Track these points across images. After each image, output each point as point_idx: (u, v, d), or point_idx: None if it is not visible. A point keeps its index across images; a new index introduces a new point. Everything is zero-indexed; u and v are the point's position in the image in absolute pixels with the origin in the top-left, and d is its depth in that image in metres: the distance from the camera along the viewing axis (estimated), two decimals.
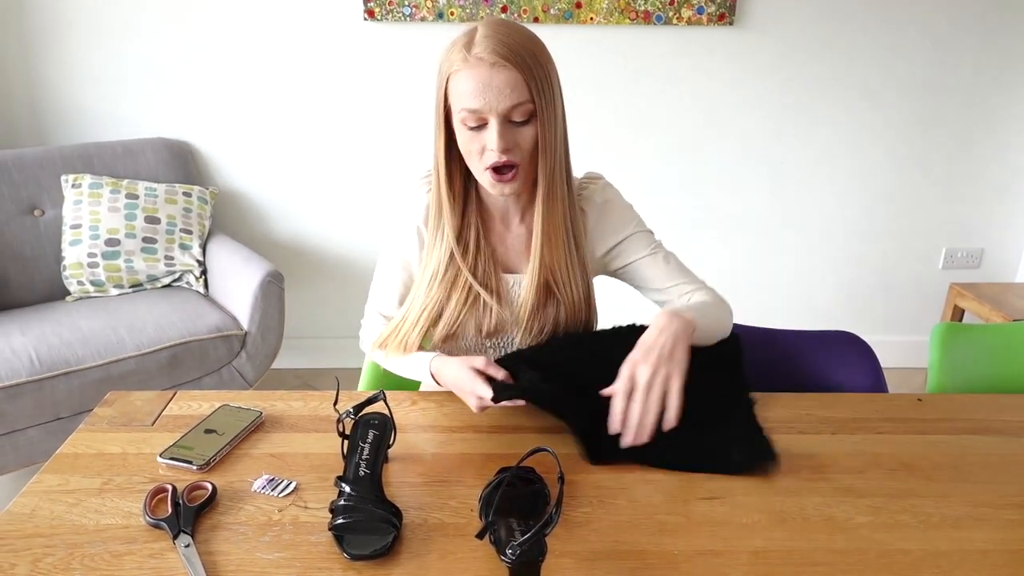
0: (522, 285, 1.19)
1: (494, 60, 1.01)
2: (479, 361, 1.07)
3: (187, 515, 0.90)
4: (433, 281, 1.17)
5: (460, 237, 1.17)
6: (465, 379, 1.07)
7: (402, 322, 1.20)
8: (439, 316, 1.18)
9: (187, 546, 0.86)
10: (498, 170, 1.07)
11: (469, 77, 1.02)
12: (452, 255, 1.16)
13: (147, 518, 0.91)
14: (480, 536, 0.82)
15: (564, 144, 1.13)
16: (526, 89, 1.03)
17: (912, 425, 1.16)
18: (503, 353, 1.23)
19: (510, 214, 1.21)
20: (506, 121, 1.04)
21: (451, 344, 1.23)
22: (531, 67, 1.03)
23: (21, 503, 0.93)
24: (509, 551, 0.77)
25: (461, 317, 1.18)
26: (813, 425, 1.16)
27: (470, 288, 1.17)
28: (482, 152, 1.06)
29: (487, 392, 1.03)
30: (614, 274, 1.29)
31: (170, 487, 0.95)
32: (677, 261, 1.26)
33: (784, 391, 1.28)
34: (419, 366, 1.18)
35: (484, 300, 1.18)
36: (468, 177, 1.16)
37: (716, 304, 1.19)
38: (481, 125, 1.05)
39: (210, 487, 0.96)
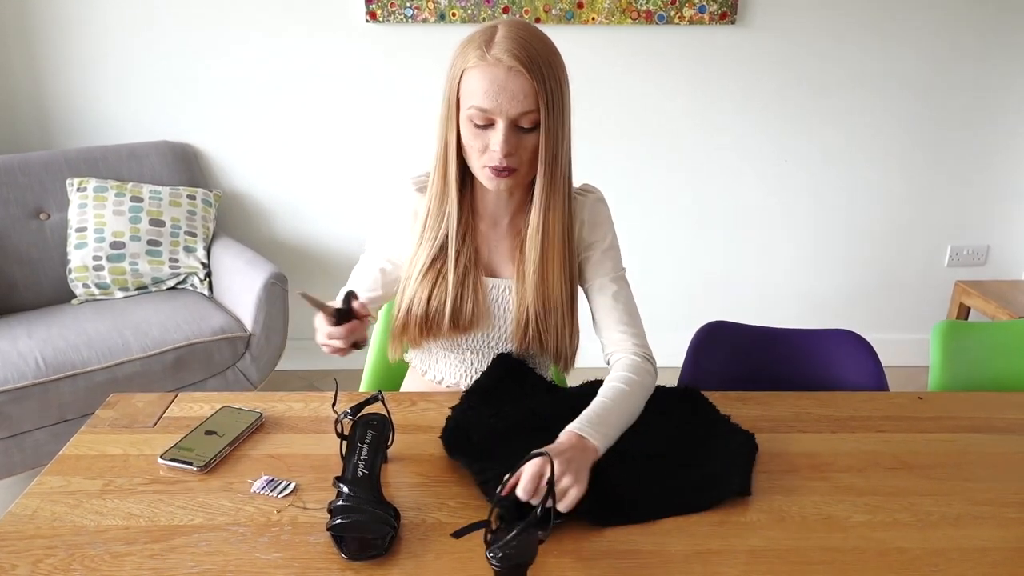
0: (500, 289, 1.20)
1: (511, 64, 1.01)
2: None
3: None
4: (420, 273, 1.18)
5: (457, 230, 1.16)
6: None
7: (395, 317, 1.24)
8: (419, 305, 1.19)
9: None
10: (496, 168, 1.07)
11: (484, 76, 1.02)
12: (443, 247, 1.17)
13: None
14: (457, 536, 0.81)
15: (567, 156, 1.13)
16: (537, 99, 1.03)
17: (912, 423, 1.16)
18: (478, 350, 1.24)
19: (499, 215, 1.21)
20: (513, 126, 1.05)
21: (428, 338, 1.22)
22: (545, 78, 1.03)
23: (23, 504, 0.94)
24: (490, 554, 0.77)
25: (436, 309, 1.18)
26: (813, 423, 1.16)
27: (448, 282, 1.17)
28: (484, 150, 1.07)
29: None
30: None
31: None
32: (626, 299, 1.21)
33: (785, 389, 1.28)
34: None
35: (460, 296, 1.18)
36: (465, 172, 1.15)
37: (631, 391, 1.09)
38: (488, 125, 1.05)
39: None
